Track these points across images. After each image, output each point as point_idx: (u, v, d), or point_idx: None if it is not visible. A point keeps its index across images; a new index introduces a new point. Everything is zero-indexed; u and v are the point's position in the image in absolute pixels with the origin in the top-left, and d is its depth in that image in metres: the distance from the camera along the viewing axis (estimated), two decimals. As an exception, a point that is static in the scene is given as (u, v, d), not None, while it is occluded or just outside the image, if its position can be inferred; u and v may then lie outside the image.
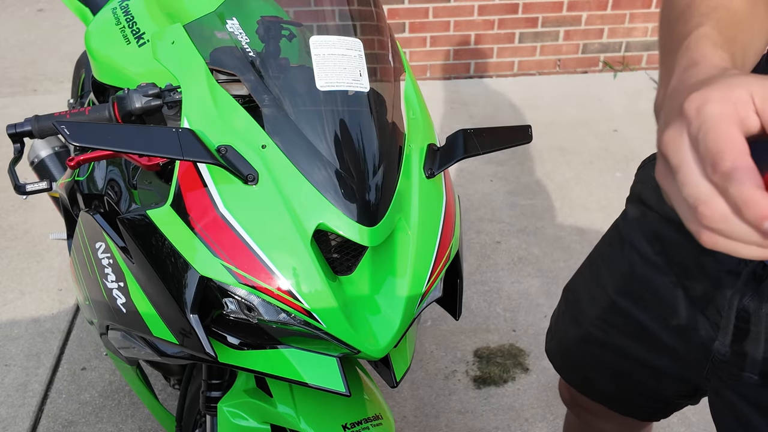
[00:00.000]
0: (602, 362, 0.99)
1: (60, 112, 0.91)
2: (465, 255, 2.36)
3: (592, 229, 2.45)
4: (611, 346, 0.96)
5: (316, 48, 0.85)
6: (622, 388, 1.00)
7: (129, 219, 0.85)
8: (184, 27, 0.91)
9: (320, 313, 0.78)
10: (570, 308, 1.04)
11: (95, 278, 0.97)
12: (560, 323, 1.08)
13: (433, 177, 0.88)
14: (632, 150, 2.92)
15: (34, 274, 2.25)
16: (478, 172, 2.78)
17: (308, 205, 0.78)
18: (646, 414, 1.04)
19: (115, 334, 0.97)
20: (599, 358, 1.00)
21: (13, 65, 3.64)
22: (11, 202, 2.58)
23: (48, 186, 1.00)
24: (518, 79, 3.52)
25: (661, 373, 0.92)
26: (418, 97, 0.95)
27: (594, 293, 0.97)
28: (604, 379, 1.02)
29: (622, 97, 3.35)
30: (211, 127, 0.81)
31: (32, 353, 1.96)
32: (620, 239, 0.93)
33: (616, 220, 0.96)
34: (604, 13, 3.42)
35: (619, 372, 0.98)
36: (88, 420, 1.77)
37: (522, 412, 1.81)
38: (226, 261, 0.78)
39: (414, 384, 1.88)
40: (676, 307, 0.86)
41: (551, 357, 1.12)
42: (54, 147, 1.64)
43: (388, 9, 3.27)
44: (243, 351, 0.85)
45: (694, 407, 1.78)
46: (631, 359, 0.94)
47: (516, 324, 2.07)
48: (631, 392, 1.00)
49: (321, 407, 0.96)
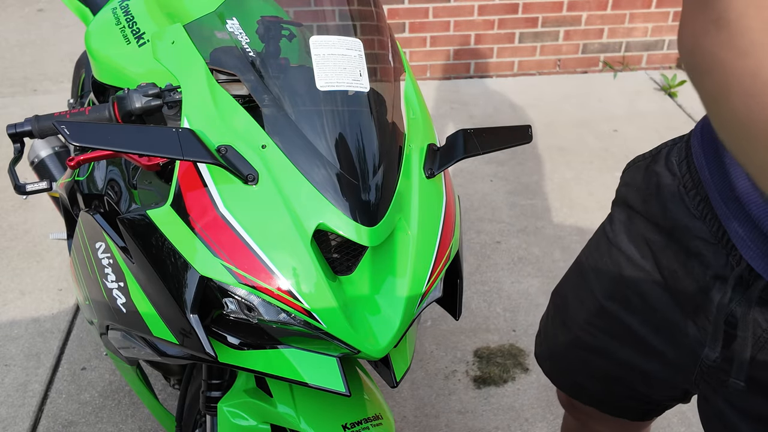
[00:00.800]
0: (591, 366, 0.99)
1: (60, 112, 0.91)
2: (465, 255, 2.36)
3: (592, 229, 2.45)
4: (600, 351, 0.95)
5: (316, 48, 0.85)
6: (611, 391, 1.00)
7: (129, 219, 0.85)
8: (184, 27, 0.91)
9: (320, 313, 0.78)
10: (559, 312, 1.03)
11: (95, 278, 0.97)
12: (549, 328, 1.07)
13: (433, 177, 0.88)
14: (632, 150, 2.92)
15: (34, 274, 2.25)
16: (478, 172, 2.78)
17: (308, 205, 0.78)
18: (637, 415, 1.04)
19: (115, 334, 0.97)
20: (588, 363, 0.99)
21: (13, 65, 3.64)
22: (11, 202, 2.58)
23: (48, 186, 1.00)
24: (518, 79, 3.53)
25: (651, 377, 0.92)
26: (418, 97, 0.95)
27: (582, 297, 0.97)
28: (594, 383, 1.01)
29: (622, 97, 3.35)
30: (211, 127, 0.81)
31: (32, 353, 1.96)
32: (607, 243, 0.92)
33: (602, 224, 0.95)
34: (604, 13, 3.42)
35: (609, 376, 0.97)
36: (88, 420, 1.77)
37: (522, 412, 1.81)
38: (226, 261, 0.78)
39: (414, 384, 1.88)
40: (664, 311, 0.85)
41: (540, 362, 1.11)
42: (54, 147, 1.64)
43: (388, 9, 3.27)
44: (243, 351, 0.85)
45: (694, 408, 1.79)
46: (621, 363, 0.93)
47: (516, 324, 2.07)
48: (621, 396, 0.99)
49: (321, 407, 0.96)
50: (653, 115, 3.19)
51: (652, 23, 3.48)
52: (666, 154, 0.83)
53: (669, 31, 3.52)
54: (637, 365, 0.92)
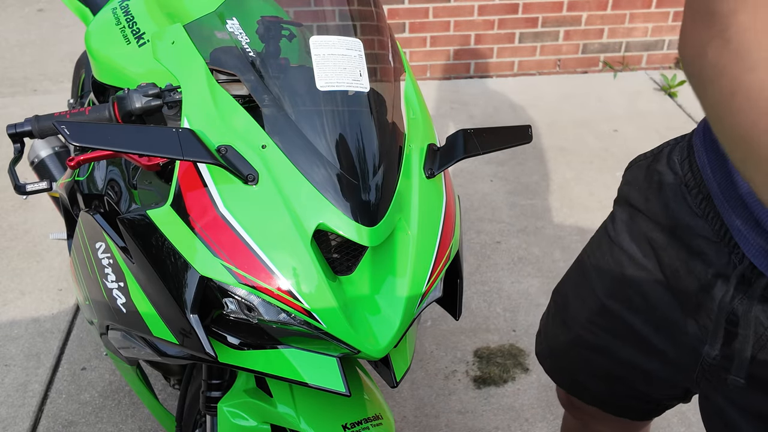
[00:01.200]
0: (592, 365, 0.99)
1: (60, 112, 0.91)
2: (465, 255, 2.36)
3: (592, 229, 2.45)
4: (601, 349, 0.95)
5: (316, 48, 0.85)
6: (612, 390, 1.00)
7: (129, 219, 0.85)
8: (184, 27, 0.91)
9: (320, 313, 0.78)
10: (559, 311, 1.03)
11: (95, 278, 0.97)
12: (550, 326, 1.07)
13: (433, 177, 0.88)
14: (632, 150, 2.92)
15: (34, 274, 2.25)
16: (478, 172, 2.78)
17: (308, 205, 0.78)
18: (638, 415, 1.04)
19: (115, 334, 0.97)
20: (589, 361, 0.99)
21: (13, 65, 3.64)
22: (11, 202, 2.58)
23: (48, 186, 1.00)
24: (518, 79, 3.53)
25: (652, 376, 0.92)
26: (418, 97, 0.95)
27: (584, 296, 0.97)
28: (595, 382, 1.01)
29: (622, 97, 3.35)
30: (211, 127, 0.81)
31: (32, 353, 1.96)
32: (609, 242, 0.92)
33: (604, 222, 0.96)
34: (604, 13, 3.42)
35: (610, 375, 0.97)
36: (88, 420, 1.77)
37: (522, 412, 1.81)
38: (226, 261, 0.78)
39: (414, 384, 1.88)
40: (666, 310, 0.85)
41: (541, 360, 1.11)
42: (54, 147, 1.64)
43: (388, 9, 3.27)
44: (243, 351, 0.85)
45: (694, 407, 1.79)
46: (622, 362, 0.94)
47: (516, 324, 2.07)
48: (622, 395, 0.99)
49: (321, 407, 0.96)
50: (653, 115, 3.19)
51: (652, 23, 3.48)
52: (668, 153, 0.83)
53: (669, 31, 3.52)
54: (639, 364, 0.92)
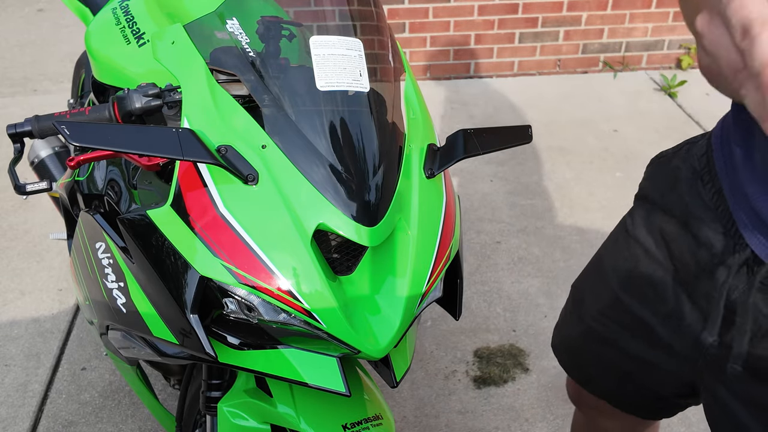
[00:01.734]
0: (603, 358, 1.00)
1: (60, 112, 0.91)
2: (465, 255, 2.36)
3: (592, 229, 2.45)
4: (611, 342, 0.97)
5: (316, 48, 0.85)
6: (622, 384, 1.01)
7: (129, 219, 0.85)
8: (184, 27, 0.91)
9: (320, 313, 0.78)
10: (576, 305, 1.06)
11: (95, 278, 0.97)
12: (566, 320, 1.10)
13: (433, 177, 0.88)
14: (632, 150, 2.92)
15: (34, 274, 2.25)
16: (478, 172, 2.78)
17: (308, 205, 0.78)
18: (647, 412, 1.04)
19: (115, 334, 0.97)
20: (600, 354, 1.00)
21: (13, 65, 3.64)
22: (11, 202, 2.58)
23: (48, 186, 1.00)
24: (518, 79, 3.53)
25: (658, 369, 0.93)
26: (418, 97, 0.95)
27: (599, 289, 0.99)
28: (605, 375, 1.03)
29: (622, 97, 3.35)
30: (211, 127, 0.81)
31: (32, 353, 1.96)
32: (626, 236, 0.94)
33: (623, 218, 0.98)
34: (604, 13, 3.42)
35: (619, 369, 0.99)
36: (88, 420, 1.77)
37: (522, 412, 1.81)
38: (226, 261, 0.78)
39: (414, 384, 1.88)
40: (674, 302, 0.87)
41: (556, 353, 1.13)
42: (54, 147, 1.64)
43: (388, 9, 3.27)
44: (243, 351, 0.85)
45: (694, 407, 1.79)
46: (631, 356, 0.95)
47: (516, 324, 2.07)
48: (631, 390, 1.00)
49: (321, 407, 0.96)
50: (653, 115, 3.19)
51: (652, 23, 3.48)
52: (687, 149, 0.86)
53: (669, 31, 3.52)
54: (646, 358, 0.93)
